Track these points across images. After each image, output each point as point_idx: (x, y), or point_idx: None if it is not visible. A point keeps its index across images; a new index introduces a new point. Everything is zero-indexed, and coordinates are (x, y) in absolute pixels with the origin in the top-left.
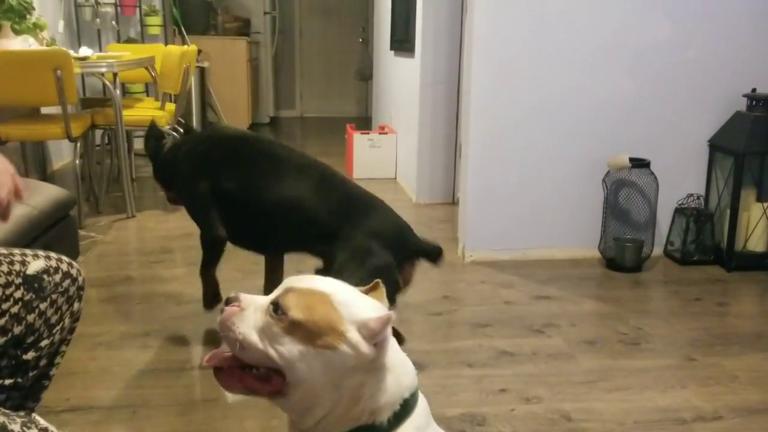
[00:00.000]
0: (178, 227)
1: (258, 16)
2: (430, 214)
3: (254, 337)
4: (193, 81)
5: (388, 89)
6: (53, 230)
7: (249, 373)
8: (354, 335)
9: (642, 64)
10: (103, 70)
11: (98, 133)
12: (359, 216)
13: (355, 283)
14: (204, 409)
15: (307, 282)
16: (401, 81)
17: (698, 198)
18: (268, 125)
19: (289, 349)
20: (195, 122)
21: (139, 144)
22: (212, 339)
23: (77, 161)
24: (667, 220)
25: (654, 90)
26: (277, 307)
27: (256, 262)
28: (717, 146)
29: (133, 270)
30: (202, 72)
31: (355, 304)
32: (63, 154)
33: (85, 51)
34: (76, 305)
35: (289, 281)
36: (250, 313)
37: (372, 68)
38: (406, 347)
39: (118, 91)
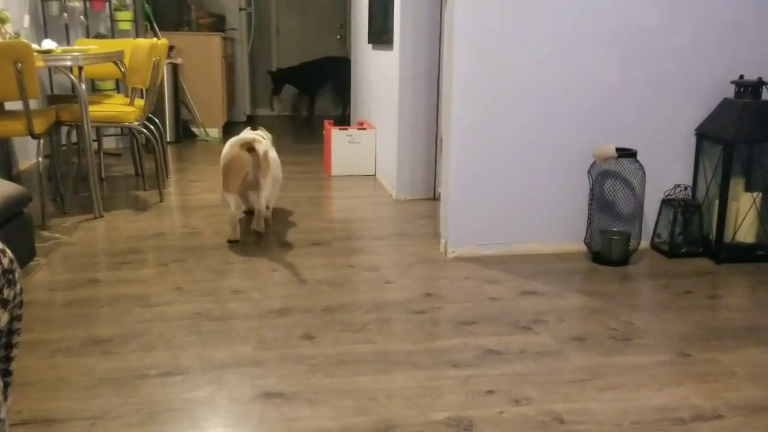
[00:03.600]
0: (149, 227)
1: (233, 13)
2: (411, 210)
3: None
4: (166, 78)
5: (367, 85)
6: (4, 228)
7: None
8: None
9: (627, 52)
10: (68, 63)
11: (67, 131)
12: None
13: None
14: (169, 420)
15: None
16: (380, 75)
17: (685, 189)
18: (244, 124)
19: None
20: (167, 121)
21: (109, 143)
22: (180, 344)
23: (40, 159)
24: (654, 212)
25: (640, 78)
26: None
27: (229, 261)
28: (705, 135)
29: (99, 272)
30: (175, 69)
31: None
32: (30, 155)
33: (48, 44)
34: (6, 291)
35: None
36: None
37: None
38: (385, 348)
39: (83, 86)
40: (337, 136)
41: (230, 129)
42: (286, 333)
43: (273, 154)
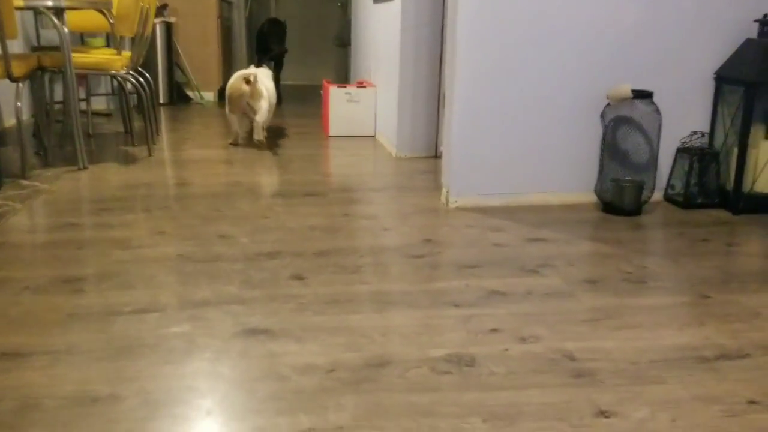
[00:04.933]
0: (134, 178)
1: None
2: (411, 167)
3: None
4: (159, 38)
5: (367, 43)
6: None
7: None
8: None
9: None
10: (49, 3)
11: (50, 78)
12: None
13: None
14: (141, 355)
15: None
16: (381, 29)
17: (702, 136)
18: None
19: None
20: (161, 82)
21: (99, 103)
22: (159, 283)
23: (19, 104)
24: (668, 163)
25: (657, 16)
26: None
27: (217, 209)
28: (724, 78)
29: (78, 217)
30: (168, 29)
31: None
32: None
33: None
34: None
35: None
36: None
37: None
38: (381, 288)
39: (66, 29)
40: (335, 94)
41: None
42: (275, 274)
43: (269, 85)
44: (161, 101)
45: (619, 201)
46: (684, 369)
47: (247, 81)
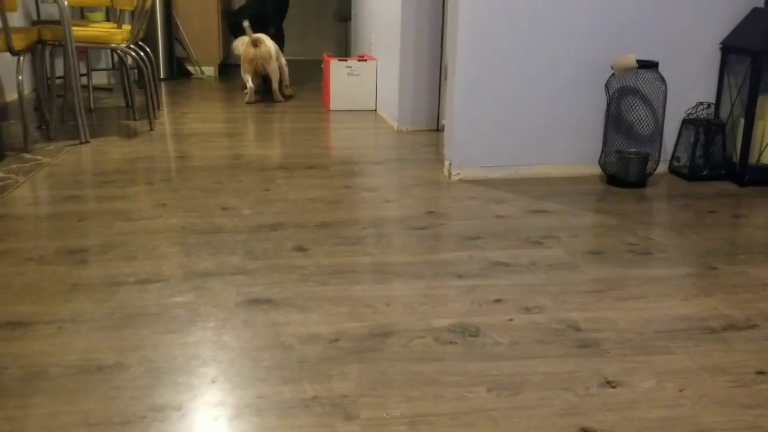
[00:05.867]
0: (136, 151)
1: None
2: (413, 140)
3: None
4: (158, 12)
5: (368, 17)
6: None
7: None
8: None
9: None
10: None
11: (50, 51)
12: None
13: None
14: (144, 324)
15: None
16: (382, 1)
17: (708, 107)
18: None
19: None
20: (161, 56)
21: (100, 78)
22: (162, 254)
23: (20, 77)
24: (672, 135)
25: None
26: None
27: (218, 182)
28: (731, 48)
29: (81, 189)
30: (168, 2)
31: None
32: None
33: None
34: None
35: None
36: None
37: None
38: (384, 259)
39: (66, 2)
40: (336, 68)
41: (226, 70)
42: (277, 245)
43: (274, 47)
44: (162, 76)
45: (624, 173)
46: (691, 340)
47: (255, 44)
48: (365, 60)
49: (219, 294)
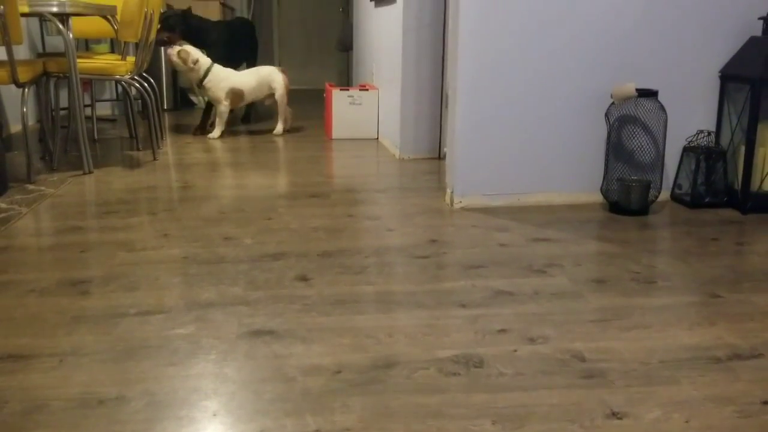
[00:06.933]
0: (139, 181)
1: None
2: (415, 168)
3: None
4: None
5: (369, 46)
6: None
7: None
8: None
9: None
10: (54, 9)
11: (55, 84)
12: None
13: None
14: (146, 357)
15: None
16: (383, 32)
17: (709, 134)
18: None
19: None
20: (165, 88)
21: (104, 109)
22: (163, 284)
23: (25, 109)
24: (674, 163)
25: (660, 14)
26: None
27: (221, 211)
28: (730, 76)
29: (83, 220)
30: None
31: None
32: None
33: None
34: None
35: None
36: None
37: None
38: (386, 289)
39: (71, 35)
40: (338, 97)
41: None
42: (279, 275)
43: (238, 80)
44: (165, 107)
45: (626, 200)
46: (696, 369)
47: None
48: (367, 89)
49: (221, 325)
